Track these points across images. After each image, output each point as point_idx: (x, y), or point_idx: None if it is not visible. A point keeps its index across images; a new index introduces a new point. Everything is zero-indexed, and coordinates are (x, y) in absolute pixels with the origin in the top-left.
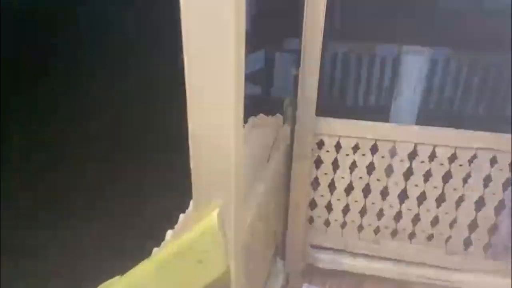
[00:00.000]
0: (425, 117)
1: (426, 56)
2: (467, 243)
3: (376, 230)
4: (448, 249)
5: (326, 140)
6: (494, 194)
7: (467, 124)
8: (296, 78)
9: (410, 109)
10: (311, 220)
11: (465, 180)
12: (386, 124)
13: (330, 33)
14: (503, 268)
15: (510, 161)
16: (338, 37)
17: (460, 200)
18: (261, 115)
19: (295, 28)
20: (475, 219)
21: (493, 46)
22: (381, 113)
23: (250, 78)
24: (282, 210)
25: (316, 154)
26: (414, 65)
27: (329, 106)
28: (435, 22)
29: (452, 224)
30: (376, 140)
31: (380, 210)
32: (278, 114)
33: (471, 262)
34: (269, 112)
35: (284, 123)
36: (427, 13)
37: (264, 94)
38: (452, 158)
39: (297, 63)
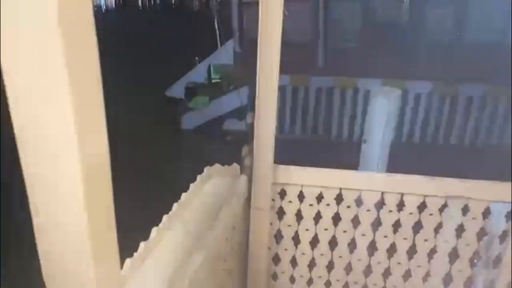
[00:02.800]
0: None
1: (396, 97)
2: None
3: (345, 286)
4: None
5: (288, 189)
6: (468, 244)
7: (441, 170)
8: (252, 125)
9: (379, 154)
10: (275, 276)
11: (436, 230)
12: (351, 172)
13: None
14: None
15: (483, 210)
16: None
17: (432, 252)
18: (217, 165)
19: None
20: (449, 272)
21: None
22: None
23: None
24: (241, 266)
25: (278, 205)
26: (383, 107)
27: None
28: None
29: (425, 278)
30: (340, 189)
31: (348, 264)
32: (235, 164)
33: None
34: (226, 161)
35: (241, 173)
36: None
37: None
38: (422, 207)
39: (252, 109)
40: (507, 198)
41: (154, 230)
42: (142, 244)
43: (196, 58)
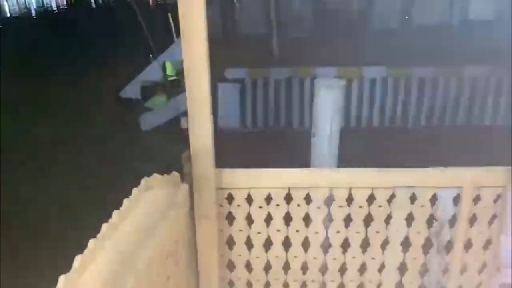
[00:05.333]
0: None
1: (340, 87)
2: (400, 287)
3: (303, 286)
4: None
5: (236, 193)
6: (419, 232)
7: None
8: (187, 130)
9: (328, 147)
10: (231, 283)
11: (387, 221)
12: (297, 170)
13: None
14: None
15: (430, 197)
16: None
17: (385, 243)
18: (155, 175)
19: None
20: (404, 261)
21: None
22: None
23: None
24: (191, 280)
25: (227, 210)
26: (328, 99)
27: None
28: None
29: (381, 269)
30: (289, 188)
31: (304, 263)
32: (174, 172)
33: None
34: (165, 170)
35: (182, 181)
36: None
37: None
38: (371, 200)
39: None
40: (453, 183)
41: (78, 259)
42: (62, 278)
43: (151, 55)
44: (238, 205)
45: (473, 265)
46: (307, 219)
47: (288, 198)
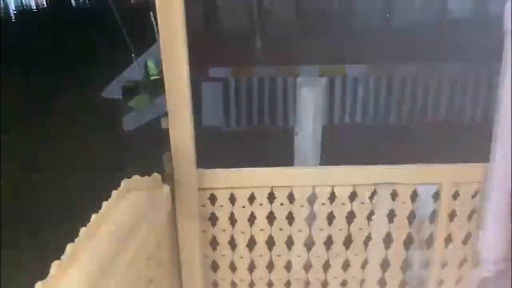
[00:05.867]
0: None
1: (321, 85)
2: (382, 283)
3: (287, 284)
4: None
5: (218, 193)
6: (400, 228)
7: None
8: (168, 130)
9: (311, 146)
10: (215, 284)
11: (369, 218)
12: (280, 169)
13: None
14: None
15: (410, 193)
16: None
17: (368, 239)
18: (136, 176)
19: None
20: (386, 257)
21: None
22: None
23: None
24: (174, 283)
25: (210, 211)
26: (309, 98)
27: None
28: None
29: (363, 266)
30: (272, 187)
31: (288, 261)
32: (155, 173)
33: None
34: (147, 171)
35: (163, 182)
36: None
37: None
38: (353, 197)
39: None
40: (433, 180)
41: (55, 265)
42: (39, 284)
43: (133, 54)
44: (221, 206)
45: (454, 260)
46: (290, 218)
47: (271, 197)
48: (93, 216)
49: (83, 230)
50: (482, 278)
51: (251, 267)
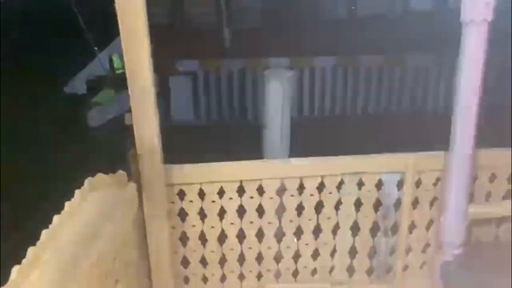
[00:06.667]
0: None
1: (289, 78)
2: (351, 270)
3: (259, 276)
4: (333, 280)
5: (187, 189)
6: (366, 216)
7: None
8: (132, 127)
9: (280, 138)
10: (186, 280)
11: (337, 208)
12: (248, 162)
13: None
14: None
15: (376, 182)
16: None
17: (336, 228)
18: (100, 174)
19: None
20: (354, 245)
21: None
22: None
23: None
24: (143, 281)
25: (179, 207)
26: (277, 90)
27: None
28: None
29: (332, 254)
30: (241, 181)
31: (259, 253)
32: (120, 171)
33: None
34: (112, 169)
35: (129, 180)
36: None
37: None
38: (321, 187)
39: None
40: (396, 169)
41: (15, 269)
42: None
43: (96, 48)
44: (190, 201)
45: (417, 245)
46: (260, 210)
47: (241, 191)
48: (55, 217)
49: (44, 232)
50: (444, 261)
51: (222, 261)
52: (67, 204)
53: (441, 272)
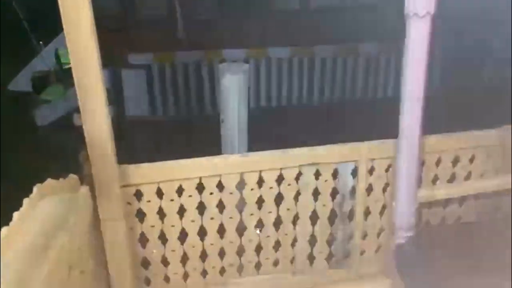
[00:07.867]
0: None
1: (244, 71)
2: (311, 258)
3: (222, 271)
4: (295, 270)
5: (144, 189)
6: (324, 205)
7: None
8: (82, 127)
9: (237, 133)
10: (147, 281)
11: (296, 199)
12: (206, 158)
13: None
14: (346, 275)
15: (332, 171)
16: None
17: (296, 218)
18: (49, 180)
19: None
20: (313, 233)
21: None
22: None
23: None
24: (102, 284)
25: (137, 208)
26: (233, 84)
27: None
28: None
29: (293, 244)
30: (200, 177)
31: (221, 249)
32: (71, 175)
33: (318, 276)
34: (62, 173)
35: (82, 183)
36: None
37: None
38: (280, 180)
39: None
40: (351, 158)
41: None
42: None
43: (40, 42)
44: (148, 201)
45: (373, 230)
46: (221, 206)
47: (200, 188)
48: (3, 230)
49: None
50: (397, 244)
51: (184, 260)
52: (15, 214)
53: (394, 254)
